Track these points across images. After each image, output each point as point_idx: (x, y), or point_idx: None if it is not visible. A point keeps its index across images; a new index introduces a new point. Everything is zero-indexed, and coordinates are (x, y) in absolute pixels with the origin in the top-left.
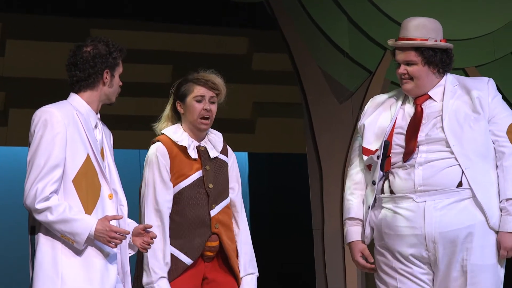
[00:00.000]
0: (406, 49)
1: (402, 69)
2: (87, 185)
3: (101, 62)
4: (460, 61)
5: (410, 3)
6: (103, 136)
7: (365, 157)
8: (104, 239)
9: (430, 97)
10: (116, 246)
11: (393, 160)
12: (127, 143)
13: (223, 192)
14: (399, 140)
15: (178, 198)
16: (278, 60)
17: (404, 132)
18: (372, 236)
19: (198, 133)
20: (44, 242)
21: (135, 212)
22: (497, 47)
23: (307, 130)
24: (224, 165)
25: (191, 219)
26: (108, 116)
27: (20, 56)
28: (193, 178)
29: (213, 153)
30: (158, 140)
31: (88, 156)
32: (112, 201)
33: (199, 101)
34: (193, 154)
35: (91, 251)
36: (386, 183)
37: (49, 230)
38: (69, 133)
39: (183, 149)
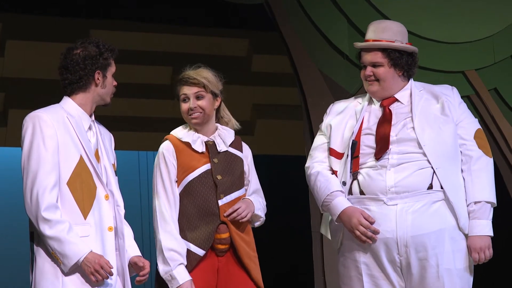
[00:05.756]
0: (373, 50)
1: (368, 70)
2: (82, 187)
3: (92, 63)
4: (460, 64)
5: (409, 6)
6: (98, 138)
7: (332, 158)
8: (89, 269)
9: (396, 100)
10: (96, 281)
11: (361, 160)
12: (126, 145)
13: (235, 184)
14: (368, 141)
15: (187, 191)
16: (278, 62)
17: (373, 132)
18: (342, 240)
19: (204, 128)
20: (44, 248)
21: (133, 212)
22: (497, 50)
23: (306, 132)
24: (237, 159)
25: (200, 210)
26: (107, 117)
27: (19, 57)
28: (201, 170)
29: (221, 147)
30: (166, 139)
31: (81, 158)
32: (109, 202)
33: (184, 101)
34: (200, 148)
35: None
36: (355, 183)
37: None
38: (60, 136)
39: (189, 145)
